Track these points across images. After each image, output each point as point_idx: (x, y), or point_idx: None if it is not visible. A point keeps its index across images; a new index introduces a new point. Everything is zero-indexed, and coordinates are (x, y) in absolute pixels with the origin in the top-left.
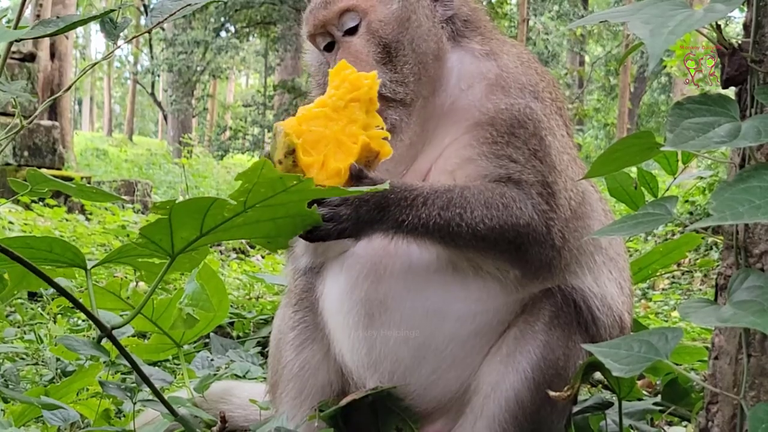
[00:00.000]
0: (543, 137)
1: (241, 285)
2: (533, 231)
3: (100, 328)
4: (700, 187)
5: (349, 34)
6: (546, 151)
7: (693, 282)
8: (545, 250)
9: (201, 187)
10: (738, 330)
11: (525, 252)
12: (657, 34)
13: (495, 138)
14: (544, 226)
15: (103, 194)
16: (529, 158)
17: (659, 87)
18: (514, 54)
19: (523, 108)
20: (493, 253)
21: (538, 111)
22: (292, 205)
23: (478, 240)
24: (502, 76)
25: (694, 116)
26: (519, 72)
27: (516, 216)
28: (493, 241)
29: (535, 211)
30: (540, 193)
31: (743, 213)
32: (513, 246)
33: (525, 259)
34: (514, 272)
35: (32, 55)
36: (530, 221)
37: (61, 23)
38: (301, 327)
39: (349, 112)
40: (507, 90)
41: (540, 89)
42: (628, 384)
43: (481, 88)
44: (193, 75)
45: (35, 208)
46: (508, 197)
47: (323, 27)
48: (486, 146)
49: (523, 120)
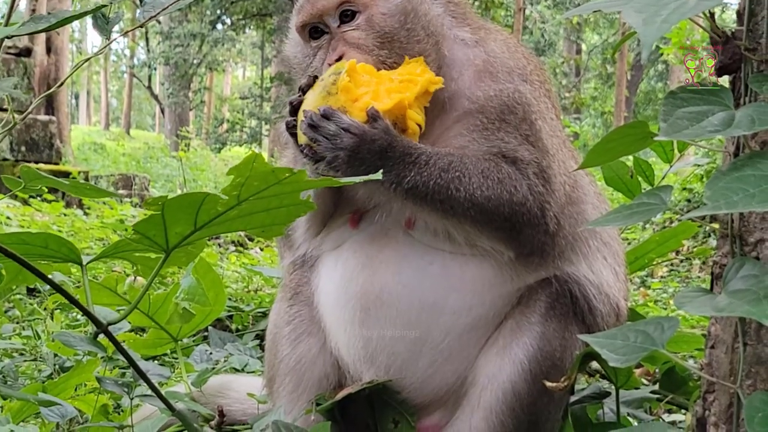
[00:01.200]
0: (533, 121)
1: (239, 278)
2: (527, 212)
3: (95, 324)
4: (697, 174)
5: (346, 24)
6: (537, 135)
7: (692, 269)
8: (538, 233)
9: (199, 180)
10: (734, 319)
11: (519, 232)
12: (650, 23)
13: (486, 125)
14: (539, 209)
15: (97, 191)
16: (522, 142)
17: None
18: (500, 40)
19: (512, 93)
20: (488, 230)
21: (528, 94)
22: (285, 196)
23: (474, 210)
24: (490, 61)
25: (688, 105)
26: (506, 56)
27: (510, 192)
28: (489, 214)
29: (530, 191)
30: (536, 174)
31: (738, 202)
32: (508, 224)
33: (518, 240)
34: (508, 253)
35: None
36: (524, 201)
37: (53, 19)
38: (297, 321)
39: (404, 86)
40: (495, 75)
41: (528, 72)
42: (625, 373)
43: (470, 75)
44: (189, 68)
45: (33, 203)
46: (504, 172)
47: (320, 17)
48: (477, 132)
49: (512, 105)
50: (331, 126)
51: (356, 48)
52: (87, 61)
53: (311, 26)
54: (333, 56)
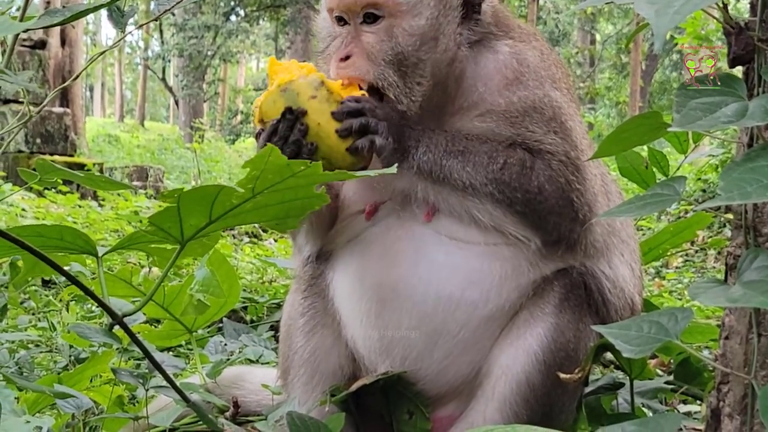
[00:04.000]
0: (564, 121)
1: (254, 269)
2: (546, 200)
3: (111, 316)
4: (712, 164)
5: (367, 24)
6: (567, 132)
7: (707, 260)
8: (565, 221)
9: (213, 171)
10: (748, 310)
11: (543, 219)
12: (662, 14)
13: (508, 117)
14: (564, 198)
15: (112, 183)
16: (548, 133)
17: (671, 64)
18: (537, 49)
19: (542, 97)
20: (512, 213)
21: (558, 98)
22: (300, 188)
23: (492, 187)
24: (522, 71)
25: (701, 96)
26: (538, 65)
27: (519, 180)
28: (506, 196)
29: (549, 181)
30: (562, 162)
31: (751, 192)
32: (529, 209)
33: (544, 228)
34: (534, 240)
35: (43, 43)
36: (540, 189)
37: (68, 12)
38: (311, 312)
39: None
40: (525, 84)
41: (557, 79)
42: (640, 364)
43: (497, 85)
44: (203, 59)
45: (48, 195)
46: (517, 158)
47: (344, 10)
48: (501, 120)
49: (540, 106)
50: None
51: (365, 54)
52: (102, 54)
53: (336, 14)
54: (342, 53)
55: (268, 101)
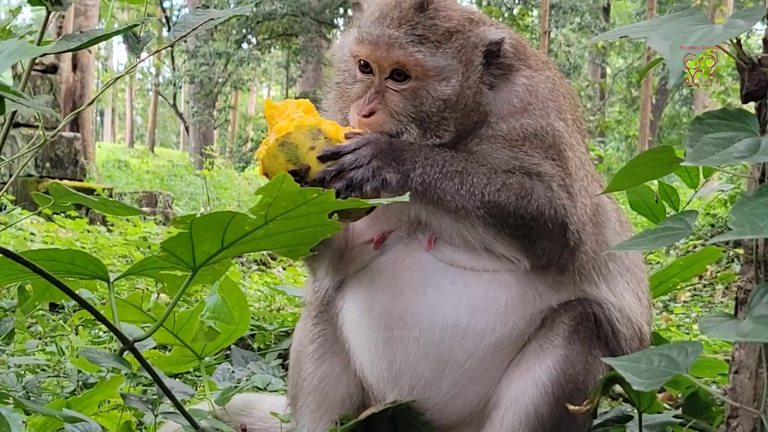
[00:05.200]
0: (562, 150)
1: (262, 297)
2: (542, 224)
3: (122, 341)
4: (721, 199)
5: (394, 81)
6: (564, 161)
7: (715, 294)
8: (555, 246)
9: (222, 198)
10: (758, 344)
11: (533, 242)
12: (677, 51)
13: (511, 141)
14: (557, 223)
15: (125, 208)
16: (546, 158)
17: (681, 99)
18: (549, 79)
19: (545, 125)
20: (502, 236)
21: (561, 128)
22: (312, 216)
23: (485, 211)
24: (530, 101)
25: (714, 131)
26: (548, 97)
27: (518, 200)
28: (499, 218)
29: (550, 204)
30: (561, 186)
31: (763, 227)
32: (520, 232)
33: (534, 251)
34: (524, 262)
35: (54, 67)
36: (540, 212)
37: (85, 38)
38: (321, 340)
39: None
40: (531, 113)
41: (564, 110)
42: (649, 397)
43: (505, 114)
44: (214, 86)
45: (57, 220)
46: (516, 181)
47: (373, 62)
48: (500, 143)
49: (541, 134)
50: (351, 145)
51: (389, 111)
52: (117, 79)
53: (363, 61)
54: (365, 109)
55: (269, 156)
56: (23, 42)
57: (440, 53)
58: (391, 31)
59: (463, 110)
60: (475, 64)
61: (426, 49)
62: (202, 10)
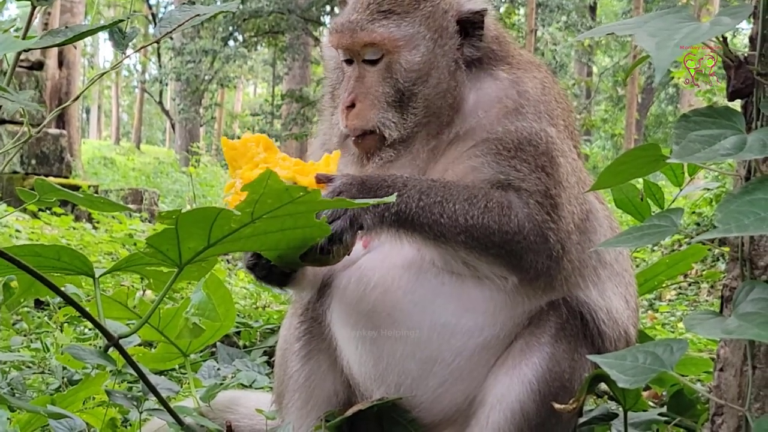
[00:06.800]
0: (554, 157)
1: (248, 294)
2: (524, 239)
3: (107, 338)
4: (707, 198)
5: (369, 64)
6: (555, 169)
7: (700, 293)
8: (541, 258)
9: (208, 195)
10: (743, 342)
11: (519, 258)
12: (663, 47)
13: (500, 150)
14: (540, 236)
15: (110, 204)
16: (534, 170)
17: (667, 98)
18: (537, 79)
19: (537, 131)
20: (486, 257)
21: (553, 134)
22: (300, 216)
23: (465, 236)
24: (521, 102)
25: (700, 129)
26: (539, 100)
27: (499, 220)
28: (480, 241)
29: (528, 219)
30: (539, 203)
31: (748, 225)
32: (504, 251)
33: (520, 266)
34: (512, 279)
35: (40, 64)
36: (519, 229)
37: (70, 33)
38: (307, 337)
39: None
40: (524, 115)
41: (556, 114)
42: (634, 395)
43: (497, 113)
44: (201, 84)
45: (42, 217)
46: (496, 201)
47: (347, 51)
48: (491, 156)
49: (535, 140)
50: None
51: (369, 98)
52: (102, 76)
53: (342, 55)
54: (347, 100)
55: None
56: (8, 36)
57: (407, 22)
58: (354, 16)
59: (436, 87)
60: (449, 31)
61: (391, 21)
62: (188, 7)
